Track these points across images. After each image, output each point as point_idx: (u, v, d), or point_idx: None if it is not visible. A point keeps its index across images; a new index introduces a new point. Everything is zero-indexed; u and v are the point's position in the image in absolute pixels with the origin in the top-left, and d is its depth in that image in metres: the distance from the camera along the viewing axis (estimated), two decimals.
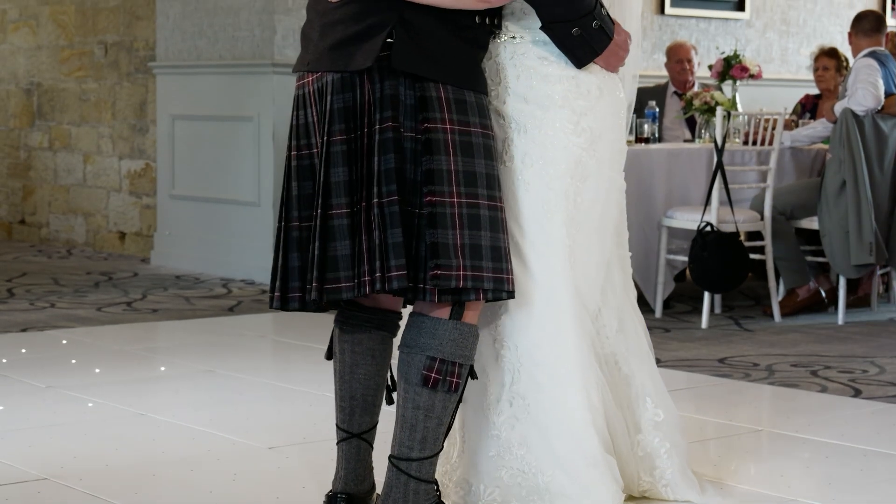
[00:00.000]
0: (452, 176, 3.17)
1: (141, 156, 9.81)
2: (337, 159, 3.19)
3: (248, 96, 8.62)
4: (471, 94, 3.26)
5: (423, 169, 3.17)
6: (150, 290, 8.07)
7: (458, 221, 3.16)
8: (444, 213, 3.16)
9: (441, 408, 3.26)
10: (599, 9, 3.36)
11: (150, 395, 5.24)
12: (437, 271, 3.14)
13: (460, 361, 3.25)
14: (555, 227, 3.42)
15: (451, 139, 3.19)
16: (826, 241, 7.33)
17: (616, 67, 3.48)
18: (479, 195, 3.21)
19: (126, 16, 9.82)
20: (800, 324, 7.29)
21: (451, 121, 3.20)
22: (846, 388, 5.60)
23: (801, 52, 10.80)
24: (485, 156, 3.24)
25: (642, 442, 3.65)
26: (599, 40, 3.38)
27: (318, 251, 3.18)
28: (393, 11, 3.18)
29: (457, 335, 3.23)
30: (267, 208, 8.53)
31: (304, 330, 6.76)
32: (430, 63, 3.20)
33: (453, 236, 3.15)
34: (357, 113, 3.19)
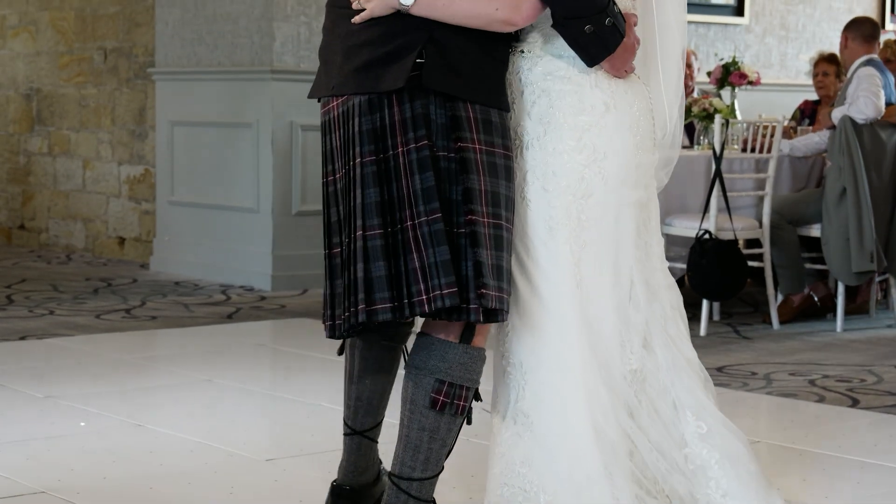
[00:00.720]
0: (483, 196, 3.18)
1: (140, 161, 9.81)
2: (368, 181, 3.17)
3: (247, 103, 8.63)
4: (496, 113, 3.27)
5: (463, 188, 3.16)
6: (148, 297, 8.08)
7: (487, 242, 3.18)
8: (480, 232, 3.16)
9: (446, 430, 3.27)
10: (612, 6, 3.28)
11: (148, 406, 5.25)
12: (482, 290, 3.14)
13: (468, 385, 3.26)
14: (558, 245, 3.38)
15: (480, 159, 3.19)
16: (826, 249, 7.33)
17: (621, 70, 3.38)
18: (503, 216, 3.23)
19: (125, 22, 9.83)
20: (798, 331, 7.30)
21: (479, 140, 3.21)
22: (844, 398, 5.61)
23: (801, 57, 10.81)
24: (506, 177, 3.26)
25: (690, 455, 3.57)
26: (612, 38, 3.30)
27: (361, 273, 3.15)
28: (422, 31, 3.17)
29: (466, 359, 3.24)
30: (266, 215, 8.53)
31: (302, 339, 6.77)
32: (460, 82, 3.20)
33: (486, 256, 3.16)
34: (386, 134, 3.17)
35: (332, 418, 5.03)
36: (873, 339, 7.11)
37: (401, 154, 3.15)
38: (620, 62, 3.37)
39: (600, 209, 3.40)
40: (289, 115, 8.50)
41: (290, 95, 8.50)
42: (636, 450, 3.47)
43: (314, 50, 8.56)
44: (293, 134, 8.51)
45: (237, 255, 8.72)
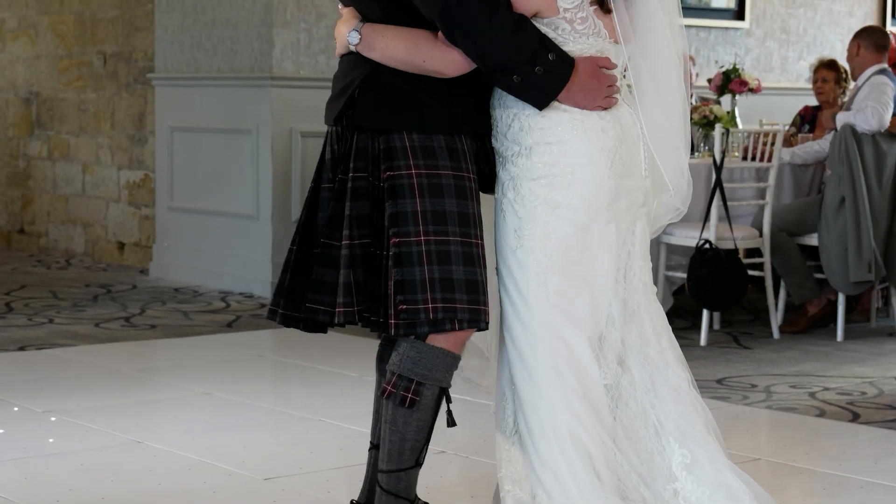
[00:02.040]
0: (419, 216, 3.34)
1: (140, 166, 9.80)
2: (325, 205, 3.44)
3: (247, 109, 8.61)
4: (441, 138, 3.39)
5: (388, 213, 3.35)
6: (148, 305, 8.06)
7: (425, 258, 3.32)
8: (409, 252, 3.32)
9: (402, 423, 3.38)
10: (544, 53, 3.34)
11: (148, 421, 5.24)
12: (402, 306, 3.29)
13: (417, 379, 3.36)
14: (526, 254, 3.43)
15: (418, 182, 3.35)
16: (825, 258, 7.32)
17: (593, 104, 3.42)
18: (450, 232, 3.35)
19: (125, 26, 9.81)
20: (799, 340, 7.29)
21: (418, 166, 3.37)
22: (845, 412, 5.60)
23: (802, 63, 10.79)
24: (456, 195, 3.38)
25: (681, 491, 3.48)
26: (551, 84, 3.37)
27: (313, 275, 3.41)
28: (364, 69, 3.40)
29: (414, 353, 3.36)
30: (265, 221, 8.52)
31: (301, 349, 6.75)
32: (393, 115, 3.39)
33: (420, 272, 3.32)
34: (340, 162, 3.42)
35: (333, 434, 5.03)
36: (874, 349, 7.10)
37: (341, 181, 3.38)
38: (583, 97, 3.41)
39: (568, 225, 3.42)
40: (288, 121, 8.49)
41: (290, 102, 8.49)
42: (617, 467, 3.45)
43: (314, 56, 8.55)
44: (293, 140, 8.50)
45: (237, 261, 8.70)
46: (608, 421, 3.45)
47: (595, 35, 3.43)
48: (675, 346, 3.57)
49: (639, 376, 3.50)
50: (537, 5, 3.39)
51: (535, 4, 3.39)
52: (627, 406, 3.50)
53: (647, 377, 3.50)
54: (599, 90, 3.41)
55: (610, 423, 3.45)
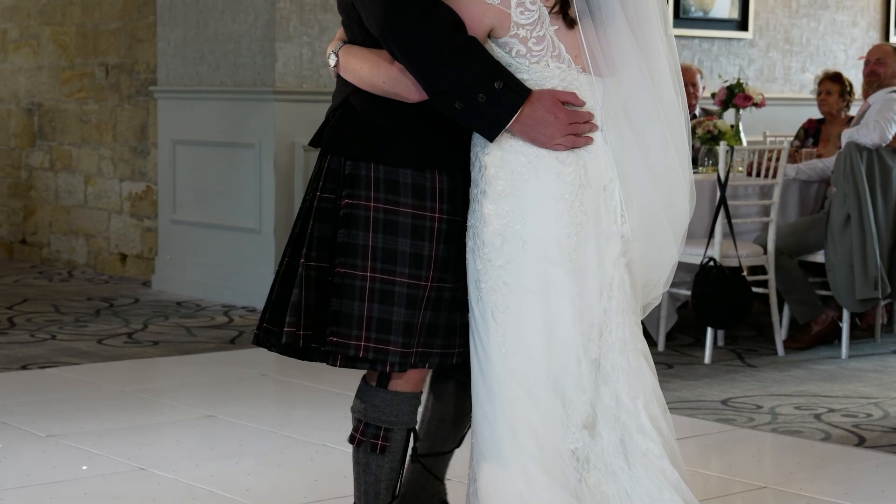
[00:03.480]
0: (369, 251, 3.24)
1: (142, 178, 9.78)
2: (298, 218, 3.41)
3: (250, 123, 8.59)
4: (408, 173, 3.26)
5: (339, 241, 3.27)
6: (151, 319, 8.04)
7: (367, 295, 3.24)
8: (352, 284, 3.24)
9: (375, 467, 3.37)
10: (489, 80, 3.12)
11: (151, 446, 5.21)
12: (333, 338, 3.24)
13: (385, 426, 3.34)
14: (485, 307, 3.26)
15: (374, 217, 3.25)
16: (831, 276, 7.30)
17: (550, 142, 3.18)
18: (398, 272, 3.25)
19: (127, 38, 9.79)
20: (803, 358, 7.27)
21: (377, 199, 3.26)
22: (850, 436, 5.58)
23: (807, 74, 10.77)
24: (412, 235, 3.25)
25: None
26: (495, 114, 3.15)
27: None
28: (344, 93, 3.33)
29: (379, 401, 3.33)
30: (268, 235, 8.50)
31: (305, 368, 6.70)
32: (360, 144, 3.28)
33: (359, 308, 3.24)
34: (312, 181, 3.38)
35: (336, 460, 5.01)
36: (879, 367, 7.08)
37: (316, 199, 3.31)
38: (537, 136, 3.18)
39: (525, 277, 3.21)
40: (291, 135, 8.47)
41: (293, 116, 8.47)
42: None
43: (316, 70, 8.53)
44: (295, 154, 8.47)
45: (239, 275, 8.68)
46: (572, 484, 3.23)
47: (555, 59, 3.16)
48: (653, 400, 3.29)
49: (608, 440, 3.27)
50: (490, 21, 3.13)
51: (487, 20, 3.13)
52: (597, 469, 3.28)
53: (618, 440, 3.27)
54: (557, 126, 3.16)
55: (575, 486, 3.24)
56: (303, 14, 8.48)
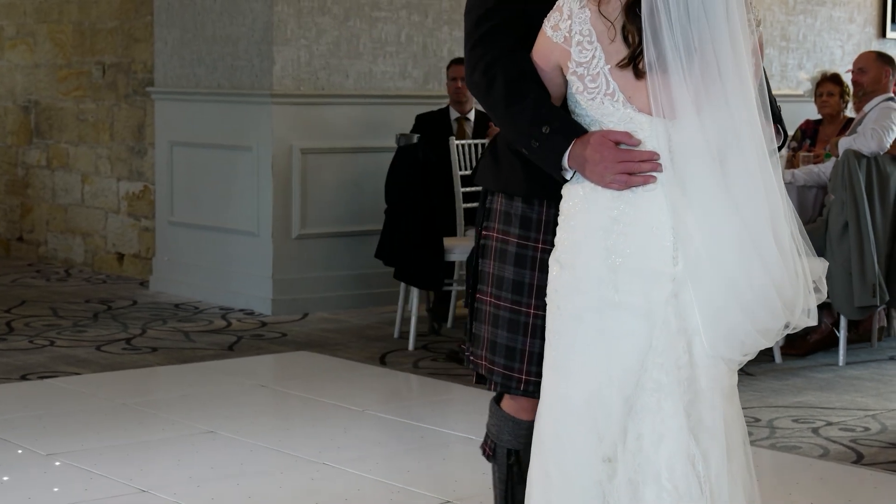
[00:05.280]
0: (490, 279, 3.51)
1: (139, 178, 9.78)
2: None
3: (247, 126, 8.59)
4: (519, 205, 3.46)
5: (478, 269, 3.58)
6: (149, 324, 8.05)
7: (487, 318, 3.52)
8: (482, 309, 3.54)
9: (492, 472, 3.64)
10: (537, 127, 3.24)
11: (153, 466, 5.22)
12: (469, 356, 3.58)
13: (492, 438, 3.61)
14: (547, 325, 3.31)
15: (495, 246, 3.51)
16: (829, 283, 7.29)
17: (602, 181, 3.18)
18: (503, 297, 3.47)
19: (124, 37, 9.77)
20: (801, 365, 7.29)
21: (498, 230, 3.52)
22: (848, 452, 5.60)
23: (802, 75, 10.76)
24: (515, 263, 3.47)
25: None
26: (546, 157, 3.26)
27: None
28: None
29: (492, 416, 3.62)
30: (266, 239, 8.50)
31: (303, 377, 6.76)
32: (493, 176, 3.54)
33: (484, 330, 3.53)
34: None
35: (337, 481, 5.03)
36: (876, 375, 7.10)
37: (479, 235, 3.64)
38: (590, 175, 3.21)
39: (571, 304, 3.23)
40: (289, 138, 8.47)
41: (290, 119, 8.47)
42: None
43: (314, 73, 8.53)
44: (293, 157, 8.48)
45: (237, 277, 8.69)
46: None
47: (609, 97, 3.16)
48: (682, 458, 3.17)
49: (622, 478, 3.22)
50: (556, 58, 3.20)
51: (553, 58, 3.21)
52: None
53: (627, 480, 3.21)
54: (605, 165, 3.18)
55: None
56: (300, 17, 8.47)
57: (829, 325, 7.60)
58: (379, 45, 8.75)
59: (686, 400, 3.15)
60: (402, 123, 8.45)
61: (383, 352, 7.39)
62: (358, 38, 8.68)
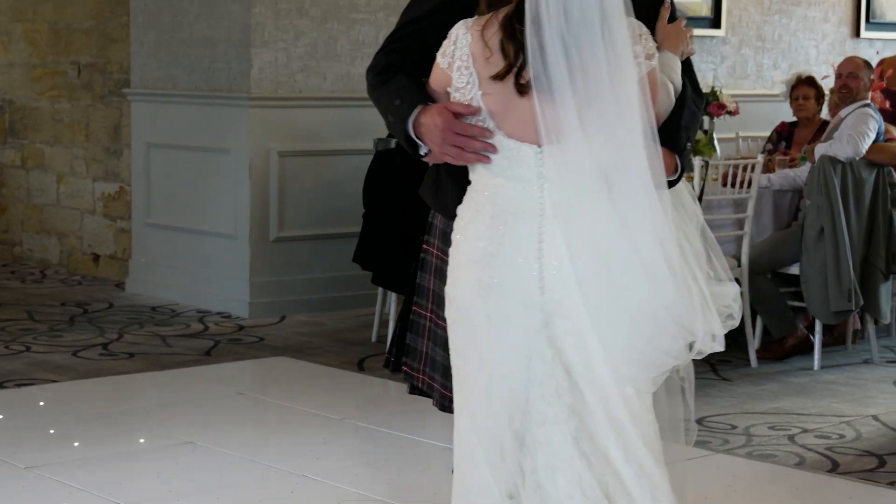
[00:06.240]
0: (430, 295, 3.53)
1: (115, 179, 9.76)
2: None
3: (225, 128, 8.58)
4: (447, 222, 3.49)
5: (416, 282, 3.62)
6: (125, 328, 8.04)
7: (426, 333, 3.58)
8: (420, 323, 3.59)
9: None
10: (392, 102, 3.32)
11: (131, 478, 5.20)
12: (404, 367, 3.64)
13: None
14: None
15: (434, 263, 3.55)
16: (805, 288, 7.35)
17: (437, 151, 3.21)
18: (441, 316, 3.40)
19: (100, 38, 9.75)
20: (777, 370, 7.33)
21: (437, 247, 3.56)
22: (824, 461, 5.64)
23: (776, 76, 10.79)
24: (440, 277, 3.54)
25: None
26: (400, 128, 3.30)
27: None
28: None
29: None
30: (243, 241, 8.50)
31: (281, 384, 6.77)
32: (432, 196, 3.54)
33: (423, 344, 3.60)
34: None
35: (317, 494, 5.04)
36: (852, 379, 7.14)
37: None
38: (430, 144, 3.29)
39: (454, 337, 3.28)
40: (266, 141, 8.47)
41: (268, 122, 8.46)
42: None
43: (292, 76, 8.52)
44: (270, 160, 8.48)
45: (214, 280, 8.69)
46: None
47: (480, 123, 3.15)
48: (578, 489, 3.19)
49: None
50: (443, 82, 3.23)
51: (442, 81, 3.23)
52: None
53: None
54: (437, 134, 3.20)
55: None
56: (278, 19, 8.46)
57: (804, 329, 7.65)
58: (357, 46, 8.74)
59: (573, 427, 3.15)
60: (380, 126, 8.35)
61: (361, 356, 7.41)
62: (336, 40, 8.68)
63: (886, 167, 7.47)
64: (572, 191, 3.08)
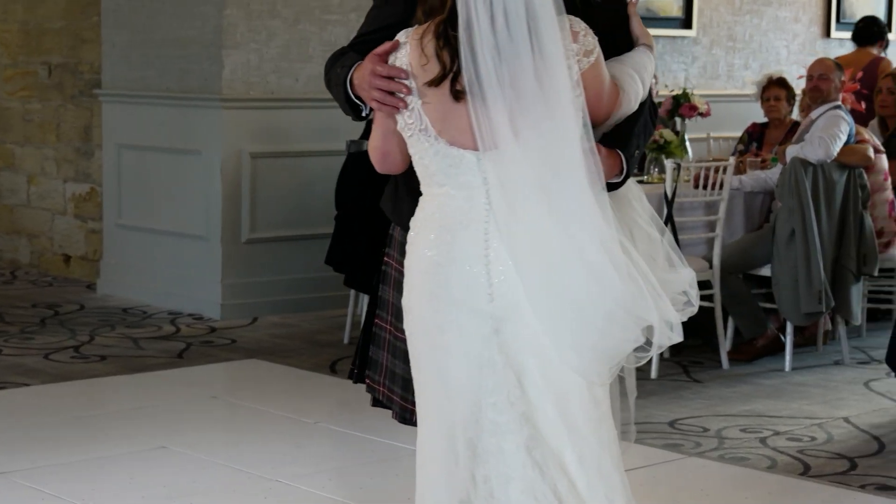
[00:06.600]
0: (390, 307, 3.50)
1: (86, 180, 9.73)
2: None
3: (196, 130, 8.56)
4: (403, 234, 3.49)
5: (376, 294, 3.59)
6: (97, 330, 8.01)
7: (386, 346, 3.54)
8: (381, 335, 3.57)
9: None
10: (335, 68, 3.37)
11: (104, 484, 5.18)
12: (367, 380, 3.61)
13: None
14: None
15: (394, 276, 3.51)
16: (777, 289, 7.38)
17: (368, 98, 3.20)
18: (401, 329, 3.37)
19: (71, 38, 9.71)
20: (748, 371, 7.35)
21: (396, 259, 3.52)
22: (796, 464, 5.66)
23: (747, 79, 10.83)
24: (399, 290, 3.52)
25: None
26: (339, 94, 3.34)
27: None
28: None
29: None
30: (215, 243, 8.48)
31: (254, 387, 6.76)
32: (391, 207, 3.54)
33: (383, 357, 3.57)
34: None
35: (288, 497, 5.05)
36: (822, 381, 7.17)
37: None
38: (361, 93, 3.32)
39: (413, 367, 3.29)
40: (238, 143, 8.45)
41: (240, 123, 8.45)
42: None
43: (264, 77, 8.51)
44: (242, 162, 8.46)
45: (186, 282, 8.66)
46: None
47: (422, 132, 3.13)
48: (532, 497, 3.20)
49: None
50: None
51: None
52: None
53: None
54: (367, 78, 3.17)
55: None
56: (250, 21, 8.44)
57: (775, 330, 7.68)
58: (329, 48, 8.72)
59: (525, 435, 3.14)
60: (353, 127, 8.42)
61: (334, 358, 7.40)
62: (308, 42, 8.67)
63: (857, 169, 7.50)
64: (512, 196, 3.07)
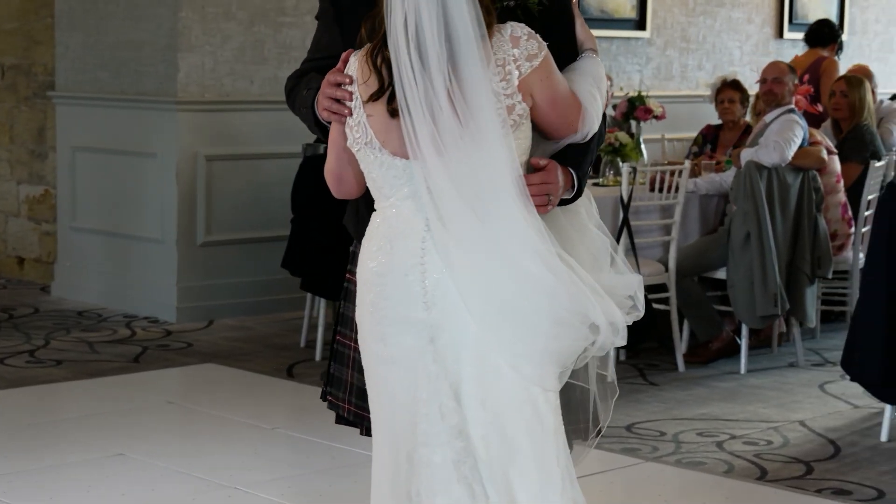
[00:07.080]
0: (353, 324, 3.42)
1: (40, 182, 9.67)
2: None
3: (151, 132, 8.53)
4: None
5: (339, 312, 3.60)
6: (52, 334, 7.97)
7: (350, 363, 3.53)
8: (344, 352, 3.56)
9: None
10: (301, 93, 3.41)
11: (62, 493, 5.16)
12: (329, 398, 3.59)
13: None
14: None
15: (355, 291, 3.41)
16: (732, 292, 7.42)
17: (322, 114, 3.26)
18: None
19: (24, 39, 9.65)
20: (704, 374, 7.38)
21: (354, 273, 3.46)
22: (752, 468, 5.70)
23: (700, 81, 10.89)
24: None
25: None
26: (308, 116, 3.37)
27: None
28: None
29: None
30: (170, 245, 8.45)
31: (210, 391, 6.75)
32: (354, 225, 3.54)
33: (347, 374, 3.55)
34: None
35: None
36: (778, 383, 7.22)
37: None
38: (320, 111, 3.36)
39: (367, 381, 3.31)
40: (193, 145, 8.42)
41: (195, 126, 8.42)
42: None
43: (219, 80, 8.48)
44: (197, 164, 8.43)
45: (141, 284, 8.63)
46: None
47: (368, 145, 3.16)
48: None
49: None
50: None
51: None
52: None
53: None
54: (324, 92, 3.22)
55: None
56: (205, 23, 8.41)
57: (730, 332, 7.73)
58: (284, 50, 8.72)
59: (456, 448, 3.11)
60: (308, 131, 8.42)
61: (291, 362, 7.39)
62: (263, 44, 8.65)
63: (811, 171, 7.55)
64: (441, 206, 3.09)
